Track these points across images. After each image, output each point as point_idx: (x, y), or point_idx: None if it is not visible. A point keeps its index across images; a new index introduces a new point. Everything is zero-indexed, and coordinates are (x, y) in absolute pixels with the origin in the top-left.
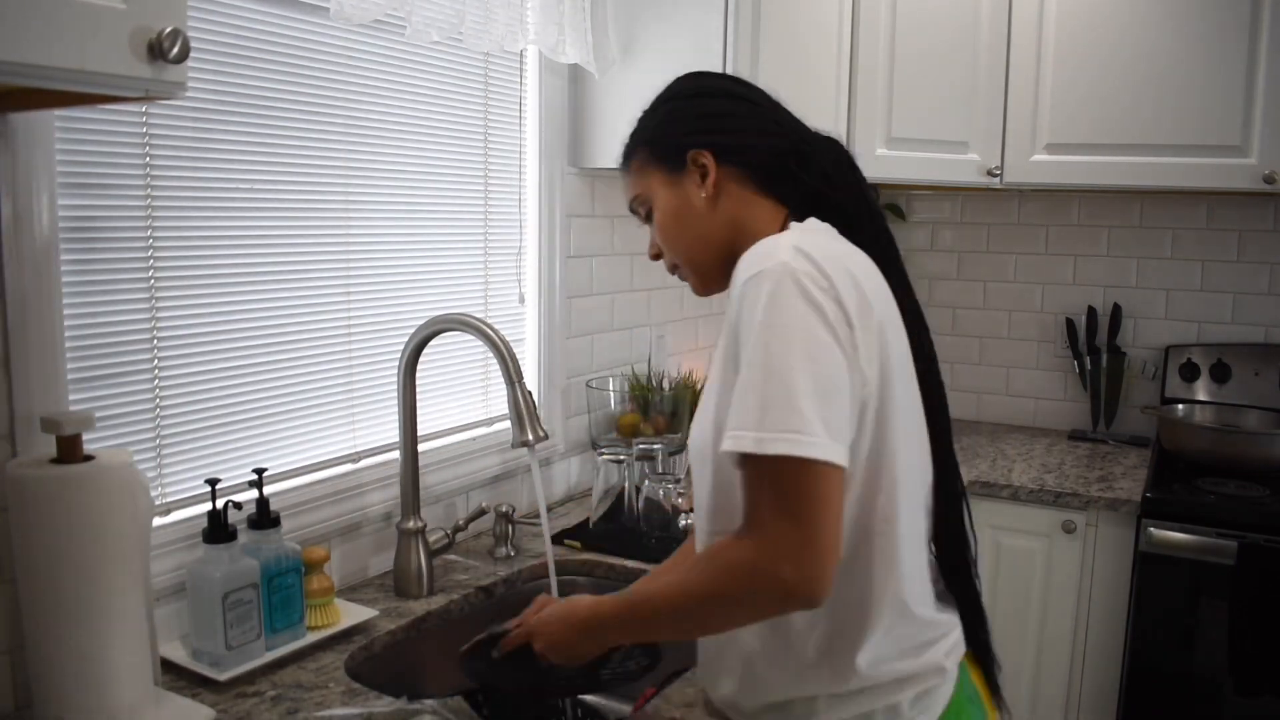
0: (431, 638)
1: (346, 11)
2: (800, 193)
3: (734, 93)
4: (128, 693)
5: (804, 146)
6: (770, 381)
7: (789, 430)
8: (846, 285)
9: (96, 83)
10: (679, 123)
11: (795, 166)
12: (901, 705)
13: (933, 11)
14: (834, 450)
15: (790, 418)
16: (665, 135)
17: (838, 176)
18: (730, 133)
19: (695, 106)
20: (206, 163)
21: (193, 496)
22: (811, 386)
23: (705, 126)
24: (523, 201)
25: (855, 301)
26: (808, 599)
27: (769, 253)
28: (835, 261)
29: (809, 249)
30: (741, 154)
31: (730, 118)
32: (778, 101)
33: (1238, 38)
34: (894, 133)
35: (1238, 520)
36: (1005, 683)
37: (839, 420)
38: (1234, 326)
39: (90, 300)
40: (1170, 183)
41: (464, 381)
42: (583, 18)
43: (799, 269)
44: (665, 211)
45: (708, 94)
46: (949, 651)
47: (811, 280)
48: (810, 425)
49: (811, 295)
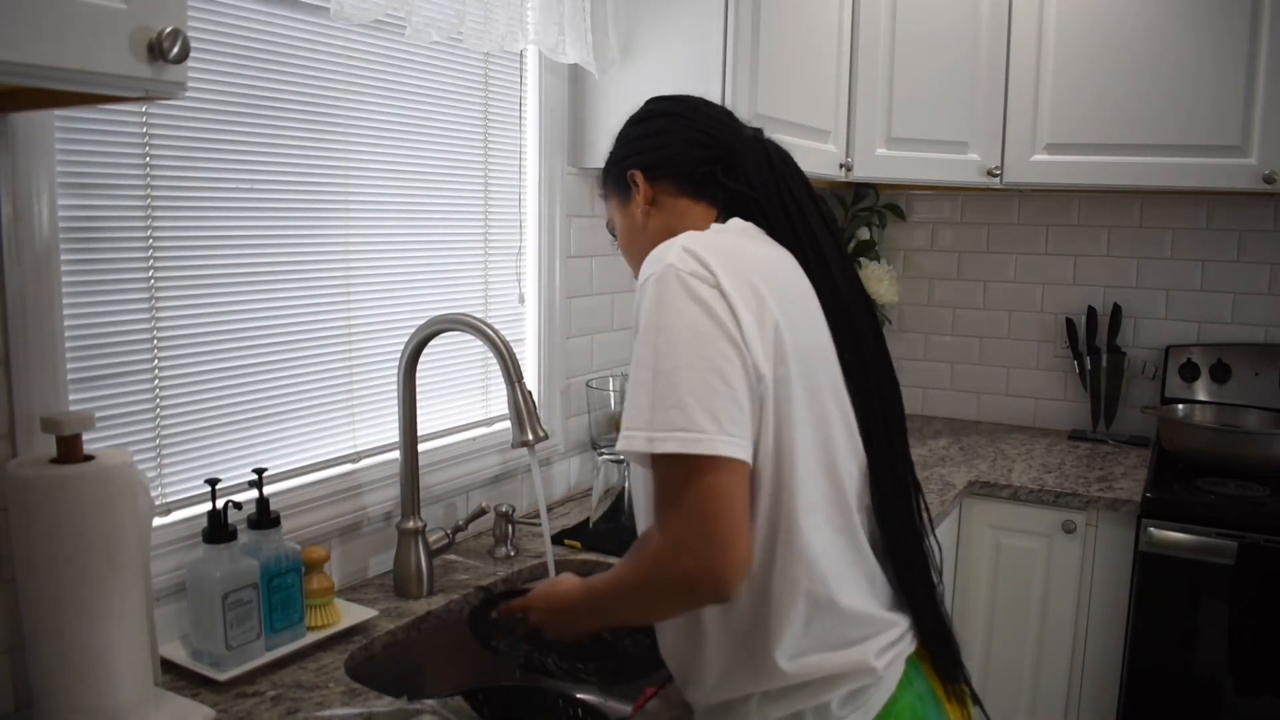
0: (431, 638)
1: (346, 11)
2: (726, 195)
3: (669, 112)
4: (128, 693)
5: (731, 152)
6: (658, 380)
7: (676, 429)
8: (736, 281)
9: (97, 83)
10: (622, 148)
11: (720, 172)
12: (830, 705)
13: (933, 12)
14: (725, 444)
15: (678, 416)
16: (614, 161)
17: (757, 176)
18: (657, 149)
19: (633, 132)
20: (206, 163)
21: (193, 496)
22: (699, 383)
23: (637, 148)
24: (523, 201)
25: (746, 297)
26: (716, 590)
27: (660, 256)
28: (727, 258)
29: (698, 248)
30: (667, 167)
31: (659, 135)
32: (717, 111)
33: (1238, 38)
34: (894, 133)
35: (1238, 520)
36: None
37: (730, 413)
38: (1234, 326)
39: (90, 300)
40: (1170, 183)
41: (464, 381)
42: (583, 18)
43: (684, 268)
44: (620, 233)
45: (650, 116)
46: (881, 651)
47: (696, 277)
48: (698, 422)
49: (696, 292)
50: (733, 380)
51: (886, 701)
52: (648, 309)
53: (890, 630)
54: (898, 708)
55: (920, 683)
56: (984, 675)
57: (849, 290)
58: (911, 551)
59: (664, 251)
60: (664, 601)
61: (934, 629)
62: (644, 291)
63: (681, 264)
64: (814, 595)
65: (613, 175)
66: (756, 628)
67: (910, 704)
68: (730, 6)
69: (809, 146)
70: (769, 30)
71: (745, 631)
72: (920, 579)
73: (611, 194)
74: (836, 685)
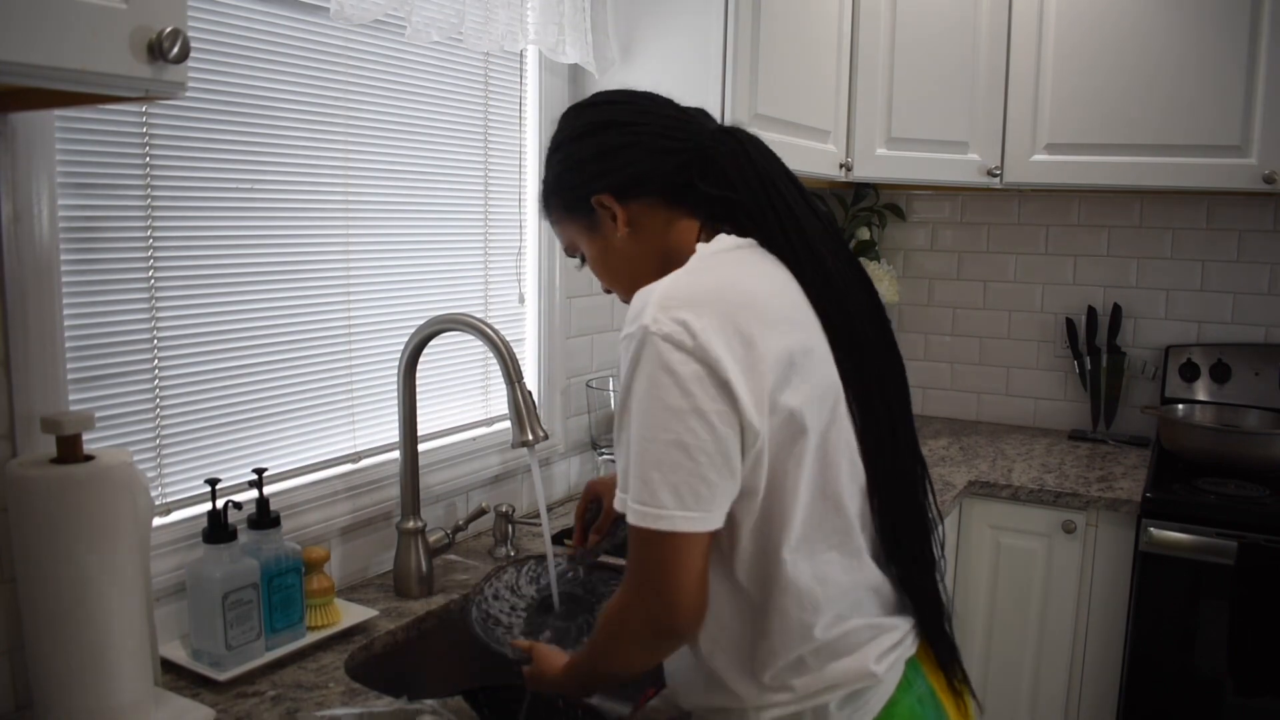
0: (431, 638)
1: (346, 11)
2: (707, 203)
3: (618, 120)
4: (128, 693)
5: (704, 151)
6: (629, 450)
7: (641, 503)
8: (721, 331)
9: (97, 83)
10: (575, 171)
11: (697, 177)
12: (828, 706)
13: (933, 11)
14: (683, 520)
15: (643, 490)
16: (567, 186)
17: (738, 176)
18: (623, 168)
19: (585, 148)
20: (206, 163)
21: (193, 496)
22: (663, 458)
23: (599, 169)
24: (523, 201)
25: (732, 348)
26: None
27: (638, 311)
28: (709, 305)
29: (677, 302)
30: (640, 185)
31: (621, 151)
32: (670, 109)
33: (1238, 38)
34: (894, 133)
35: (1238, 520)
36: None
37: (692, 487)
38: (1234, 326)
39: (90, 300)
40: (1170, 183)
41: (464, 381)
42: (583, 18)
43: (660, 333)
44: (595, 259)
45: (593, 130)
46: (882, 655)
47: (670, 342)
48: (660, 497)
49: (668, 362)
50: (697, 455)
51: (885, 704)
52: (625, 372)
53: (891, 634)
54: (897, 710)
55: (920, 684)
56: (984, 675)
57: (844, 282)
58: (915, 551)
59: (641, 306)
60: (631, 649)
61: (936, 628)
62: (623, 349)
63: (656, 325)
64: (806, 625)
65: (563, 199)
66: (752, 654)
67: (910, 707)
68: (730, 6)
69: (809, 146)
70: (769, 30)
71: (741, 657)
72: (925, 579)
73: (566, 219)
74: (835, 689)
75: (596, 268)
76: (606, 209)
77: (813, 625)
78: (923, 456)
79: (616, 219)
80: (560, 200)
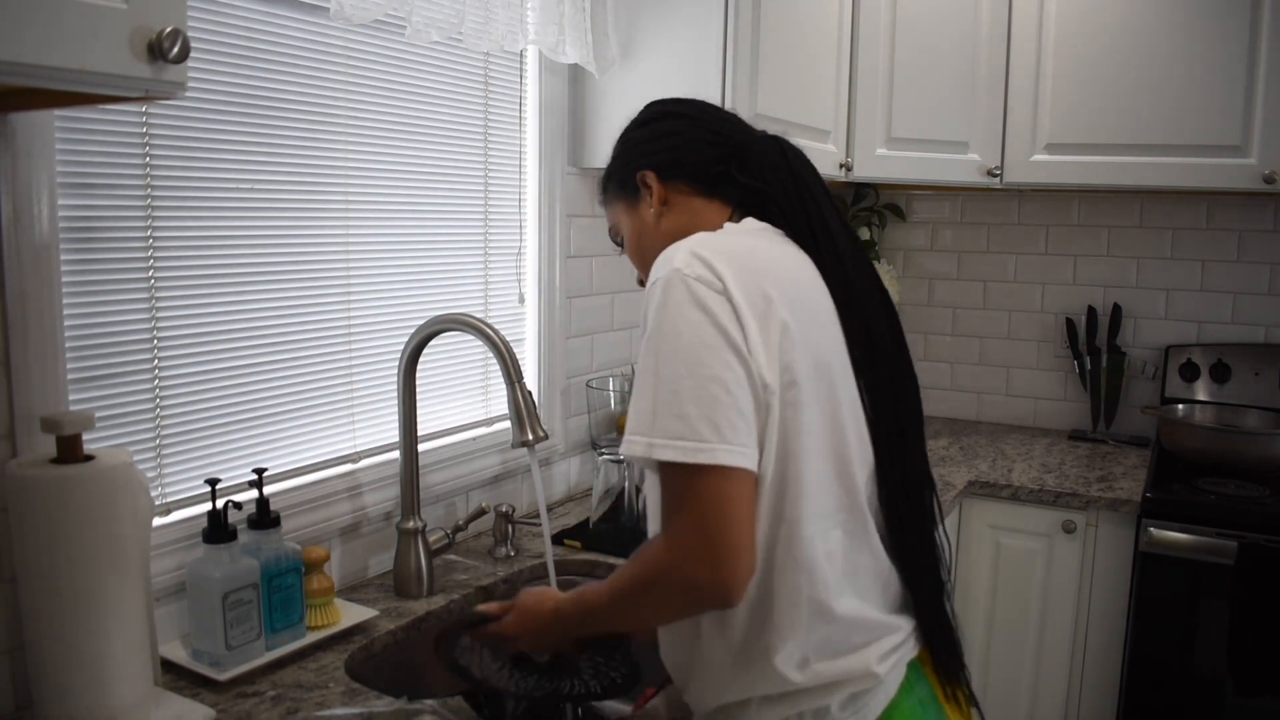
0: (432, 638)
1: (346, 11)
2: (740, 192)
3: (676, 113)
4: (128, 693)
5: (744, 150)
6: (660, 388)
7: (676, 437)
8: (744, 286)
9: (97, 83)
10: (628, 152)
11: (734, 170)
12: (830, 708)
13: (933, 12)
14: (727, 453)
15: (678, 424)
16: (620, 165)
17: (772, 173)
18: (668, 150)
19: (640, 134)
20: (206, 163)
21: (193, 496)
22: (701, 392)
23: (647, 150)
24: (523, 201)
25: (754, 302)
26: (719, 598)
27: (668, 259)
28: (736, 261)
29: (706, 251)
30: (680, 167)
31: (669, 136)
32: (724, 113)
33: (1238, 38)
34: (894, 133)
35: (1238, 520)
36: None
37: (732, 421)
38: (1234, 326)
39: (90, 300)
40: (1170, 183)
41: (464, 381)
42: (583, 18)
43: (690, 273)
44: (629, 235)
45: (651, 120)
46: (884, 655)
47: (703, 283)
48: (699, 431)
49: (701, 299)
50: (734, 389)
51: (886, 706)
52: (653, 314)
53: (894, 635)
54: (898, 713)
55: (922, 687)
56: (984, 675)
57: (863, 286)
58: (919, 551)
59: (671, 254)
60: (666, 607)
61: (939, 629)
62: (651, 295)
63: (688, 268)
64: (816, 602)
65: (617, 179)
66: (757, 634)
67: (911, 709)
68: (730, 6)
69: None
70: (769, 30)
71: (745, 638)
72: (929, 577)
73: (616, 198)
74: (836, 690)
75: (630, 244)
76: (648, 186)
77: (821, 603)
78: (932, 477)
79: (653, 195)
80: (613, 183)
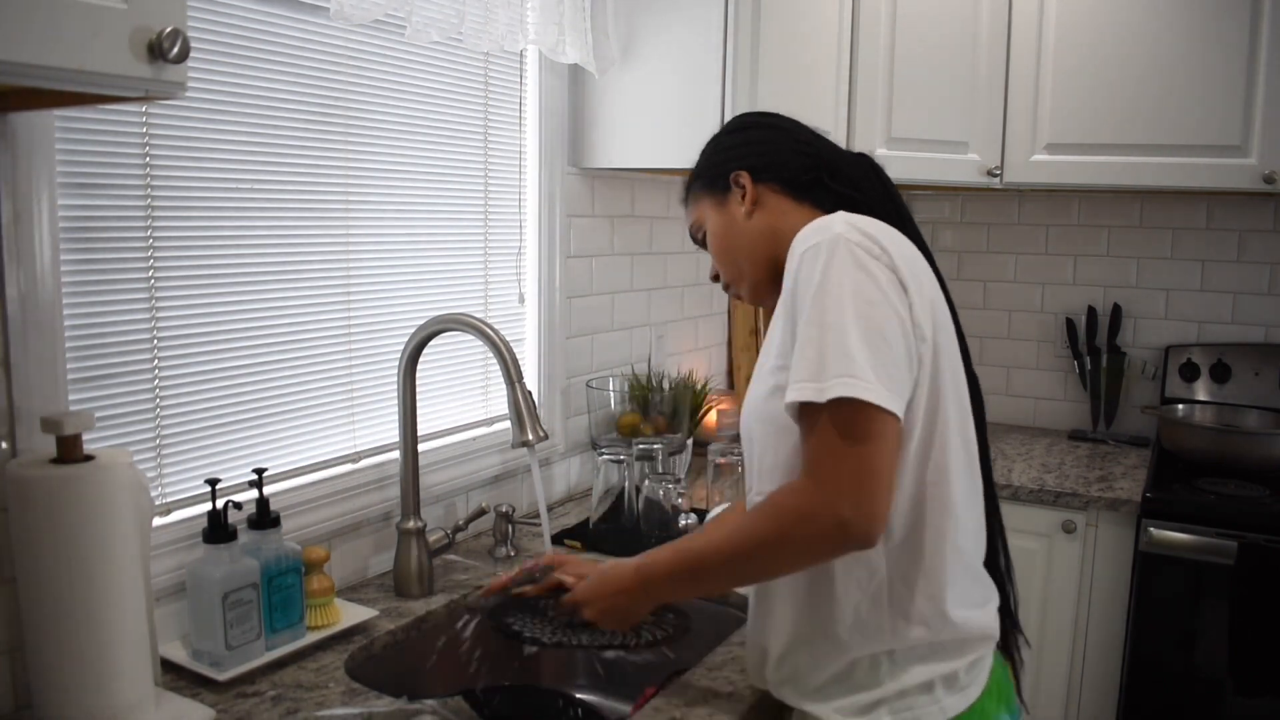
0: (431, 638)
1: (346, 11)
2: (833, 198)
3: (769, 123)
4: (128, 693)
5: (834, 163)
6: (826, 335)
7: (845, 375)
8: (900, 255)
9: (97, 83)
10: (722, 154)
11: (826, 177)
12: (958, 673)
13: (933, 11)
14: (887, 397)
15: (847, 364)
16: (712, 167)
17: (866, 184)
18: (763, 154)
19: (735, 139)
20: (206, 163)
21: (193, 496)
22: (865, 338)
23: (742, 153)
24: (523, 201)
25: (908, 271)
26: (864, 537)
27: (824, 227)
28: (888, 235)
29: (862, 224)
30: (775, 170)
31: (764, 142)
32: (814, 130)
33: (1238, 38)
34: (894, 133)
35: (1238, 520)
36: None
37: (892, 370)
38: (1234, 326)
39: (90, 300)
40: (1170, 183)
41: (464, 381)
42: (583, 18)
43: (852, 239)
44: (715, 232)
45: (746, 127)
46: (994, 617)
47: (864, 249)
48: (864, 371)
49: (864, 262)
50: (894, 343)
51: (990, 670)
52: (817, 271)
53: (996, 596)
54: (995, 677)
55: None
56: None
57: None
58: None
59: (827, 223)
60: (805, 552)
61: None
62: (810, 257)
63: (849, 234)
64: (959, 548)
65: (705, 178)
66: (902, 580)
67: (1001, 676)
68: (730, 7)
69: None
70: (769, 30)
71: (886, 586)
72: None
73: (703, 194)
74: (966, 651)
75: (714, 242)
76: (740, 186)
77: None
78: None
79: (746, 195)
80: (702, 182)
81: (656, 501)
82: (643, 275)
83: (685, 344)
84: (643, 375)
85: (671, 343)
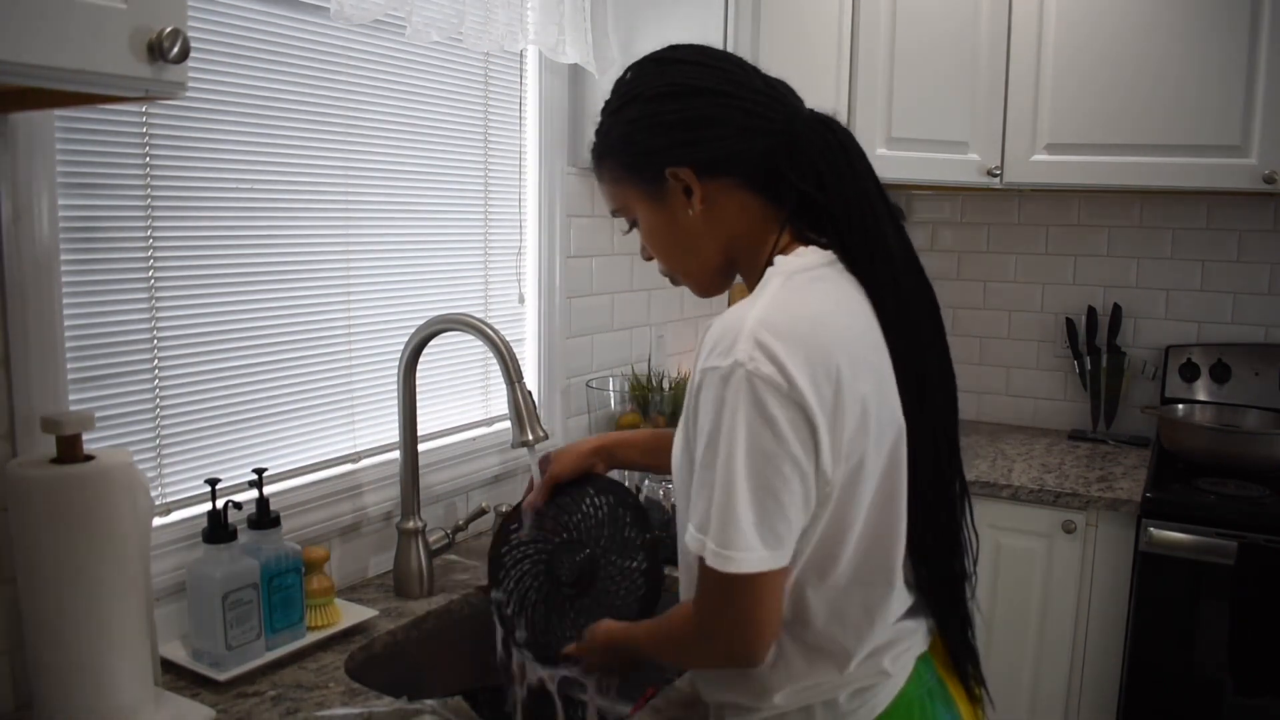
0: (431, 638)
1: (346, 11)
2: (794, 195)
3: (707, 87)
4: (128, 693)
5: (792, 136)
6: (714, 492)
7: (729, 548)
8: (814, 373)
9: (97, 83)
10: (650, 133)
11: (786, 165)
12: (838, 700)
13: (933, 11)
14: (769, 558)
15: (732, 534)
16: (639, 148)
17: (830, 173)
18: (710, 142)
19: (667, 111)
20: (206, 163)
21: (193, 496)
22: (753, 499)
23: (682, 139)
24: (523, 201)
25: (823, 394)
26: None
27: (732, 340)
28: (806, 343)
29: (771, 336)
30: (726, 165)
31: (710, 124)
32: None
33: (1238, 38)
34: (894, 133)
35: (1238, 520)
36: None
37: (780, 527)
38: (1234, 326)
39: (90, 300)
40: (1170, 183)
41: (464, 381)
42: (583, 18)
43: (757, 373)
44: (651, 230)
45: (679, 93)
46: (897, 656)
47: (769, 386)
48: (749, 539)
49: (764, 404)
50: (785, 499)
51: (894, 696)
52: (712, 409)
53: (908, 639)
54: (904, 701)
55: (930, 677)
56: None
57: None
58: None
59: (735, 333)
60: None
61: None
62: (710, 383)
63: (753, 365)
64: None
65: (629, 160)
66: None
67: (919, 698)
68: (730, 7)
69: None
70: (769, 30)
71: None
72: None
73: (625, 180)
74: (846, 684)
75: (652, 238)
76: (681, 182)
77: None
78: (964, 477)
79: (691, 195)
80: (623, 160)
81: (656, 501)
82: (643, 275)
83: (685, 344)
84: (643, 375)
85: (671, 343)
